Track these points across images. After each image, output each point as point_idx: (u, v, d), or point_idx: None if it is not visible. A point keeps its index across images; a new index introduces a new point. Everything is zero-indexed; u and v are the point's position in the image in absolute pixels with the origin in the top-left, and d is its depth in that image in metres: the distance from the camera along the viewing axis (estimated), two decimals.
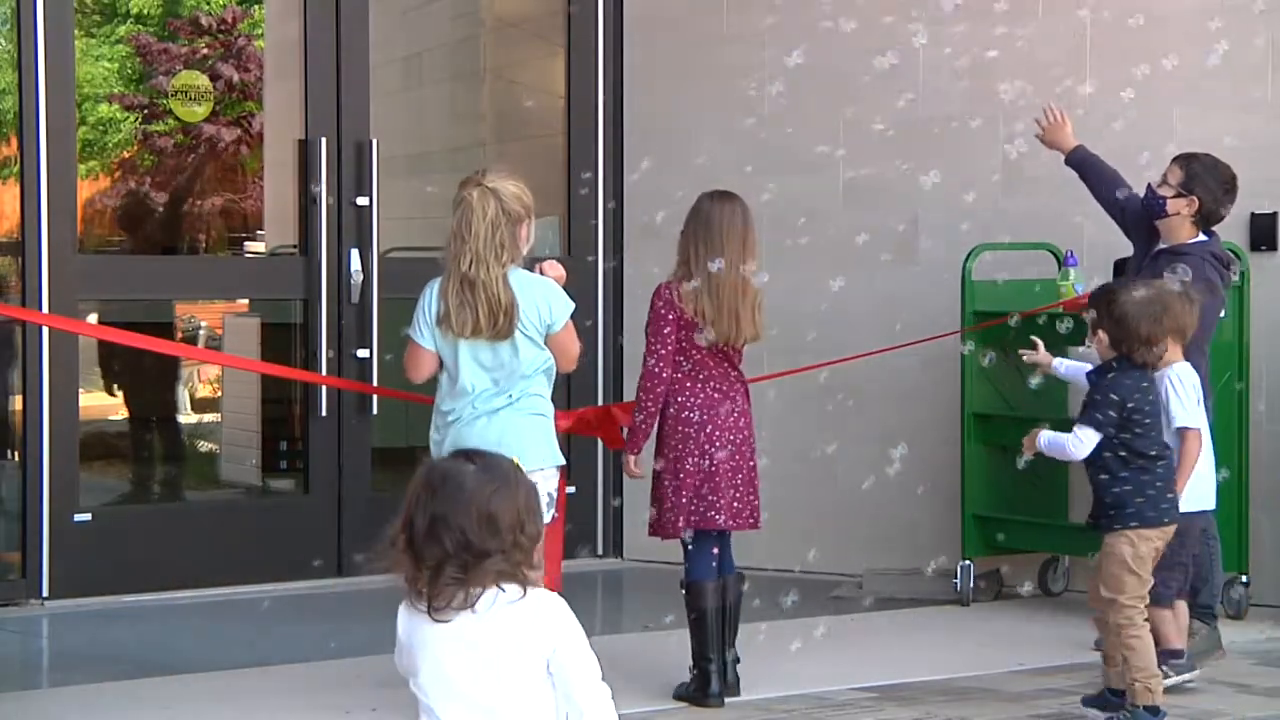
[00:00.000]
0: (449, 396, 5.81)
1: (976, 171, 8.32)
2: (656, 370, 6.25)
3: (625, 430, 6.44)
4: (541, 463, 5.74)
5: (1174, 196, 6.97)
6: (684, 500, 6.18)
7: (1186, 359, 6.50)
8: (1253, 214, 7.87)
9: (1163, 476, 5.99)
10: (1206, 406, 7.00)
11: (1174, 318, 6.10)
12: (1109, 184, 7.24)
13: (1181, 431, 6.38)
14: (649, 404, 6.25)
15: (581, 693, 3.30)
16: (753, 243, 6.28)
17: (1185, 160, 7.01)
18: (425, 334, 5.82)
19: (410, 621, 3.40)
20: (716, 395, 6.25)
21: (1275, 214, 7.95)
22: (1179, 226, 6.99)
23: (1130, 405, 5.94)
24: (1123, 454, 5.94)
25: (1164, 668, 6.49)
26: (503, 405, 5.74)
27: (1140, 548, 5.92)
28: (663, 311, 6.24)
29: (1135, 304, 5.96)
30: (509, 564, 3.27)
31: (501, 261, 5.69)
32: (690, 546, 6.25)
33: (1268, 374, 7.87)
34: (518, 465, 3.42)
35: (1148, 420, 5.98)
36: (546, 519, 5.82)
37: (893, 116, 8.43)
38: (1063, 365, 6.55)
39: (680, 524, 6.18)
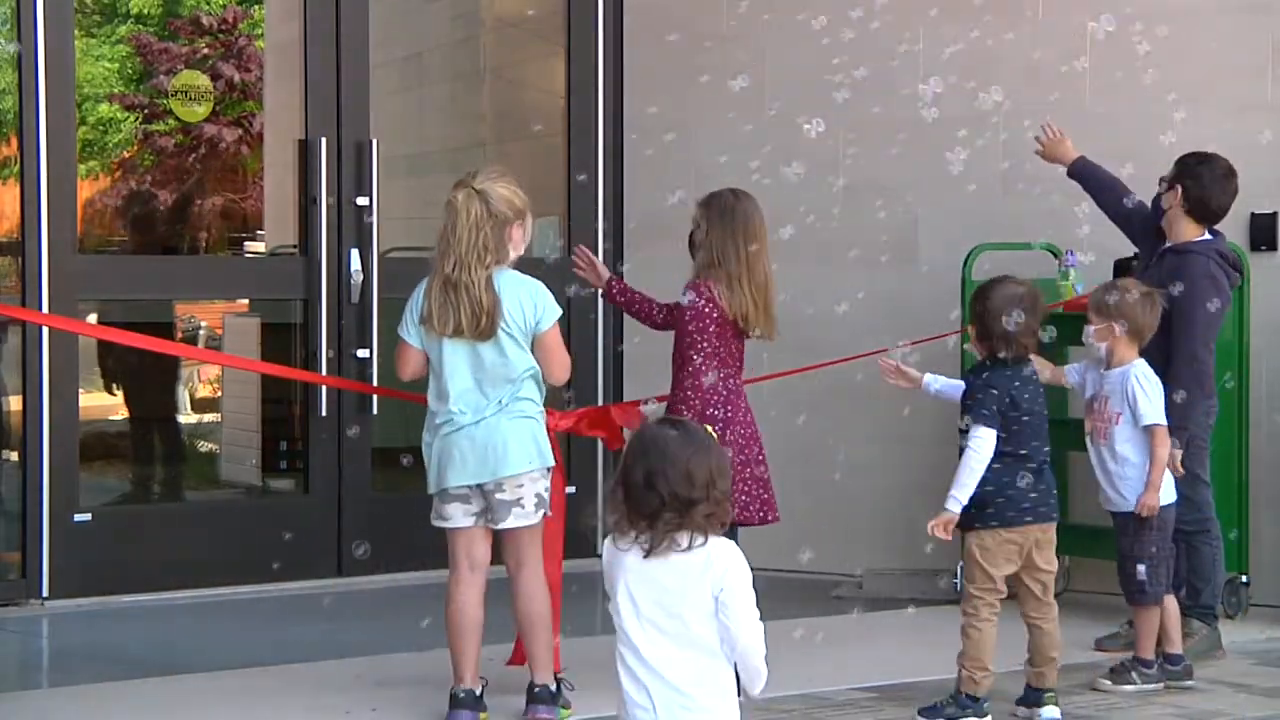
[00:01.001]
0: (436, 398, 5.86)
1: (976, 171, 8.31)
2: (705, 368, 6.25)
3: (625, 430, 6.46)
4: (528, 465, 5.80)
5: (1165, 191, 7.04)
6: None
7: (1192, 356, 6.59)
8: (1253, 214, 7.88)
9: (1031, 477, 6.03)
10: (1211, 406, 7.03)
11: (1124, 311, 6.46)
12: (1113, 193, 7.29)
13: (1151, 429, 6.56)
14: (696, 402, 6.24)
15: (738, 625, 3.91)
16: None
17: (1181, 157, 7.06)
18: (412, 332, 5.87)
19: (614, 556, 3.98)
20: (735, 392, 6.29)
21: (1275, 214, 7.95)
22: (1176, 222, 7.02)
23: (1008, 400, 6.01)
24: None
25: (1133, 674, 6.51)
26: (491, 413, 5.78)
27: (991, 546, 6.01)
28: (706, 310, 6.22)
29: (1001, 299, 5.99)
30: (705, 515, 3.90)
31: (485, 264, 5.72)
32: None
33: (1268, 374, 7.87)
34: (711, 432, 4.06)
35: (1025, 418, 6.03)
36: (537, 518, 5.85)
37: (893, 116, 8.43)
38: (935, 382, 6.53)
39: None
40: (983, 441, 6.01)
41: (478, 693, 5.89)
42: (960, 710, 6.07)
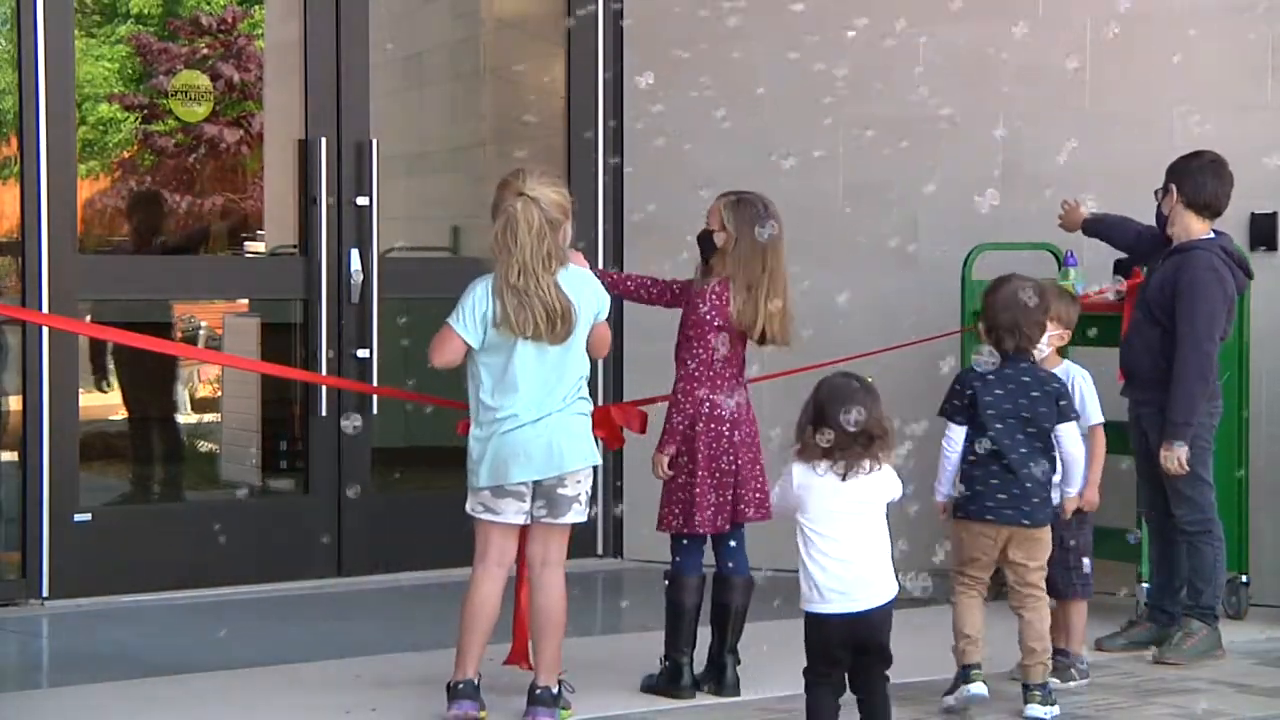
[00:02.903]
0: (494, 395, 5.83)
1: (976, 171, 8.31)
2: (699, 374, 6.29)
3: (624, 429, 6.47)
4: (589, 460, 5.91)
5: (1163, 197, 7.04)
6: (719, 498, 6.25)
7: (1196, 348, 6.63)
8: (1253, 214, 7.88)
9: (1002, 476, 6.13)
10: (1215, 407, 7.03)
11: (1072, 316, 6.67)
12: (1122, 228, 7.38)
13: (1093, 429, 6.62)
14: (689, 405, 6.29)
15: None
16: None
17: (1170, 164, 7.08)
18: (469, 328, 5.82)
19: (806, 478, 5.28)
20: (739, 392, 6.34)
21: (1275, 214, 7.95)
22: (1178, 220, 7.03)
23: (969, 394, 6.17)
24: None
25: (1072, 669, 6.51)
26: (555, 409, 5.82)
27: (964, 535, 6.24)
28: (709, 318, 6.27)
29: (1006, 295, 6.19)
30: (882, 447, 5.27)
31: (550, 269, 5.78)
32: (685, 541, 6.29)
33: (1268, 374, 7.87)
34: (871, 383, 5.31)
35: (993, 415, 6.14)
36: (585, 516, 5.94)
37: (893, 116, 8.43)
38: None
39: (719, 522, 6.25)
40: (949, 437, 6.22)
41: (476, 683, 5.90)
42: (954, 683, 6.26)
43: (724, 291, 6.25)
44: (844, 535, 5.25)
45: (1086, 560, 6.63)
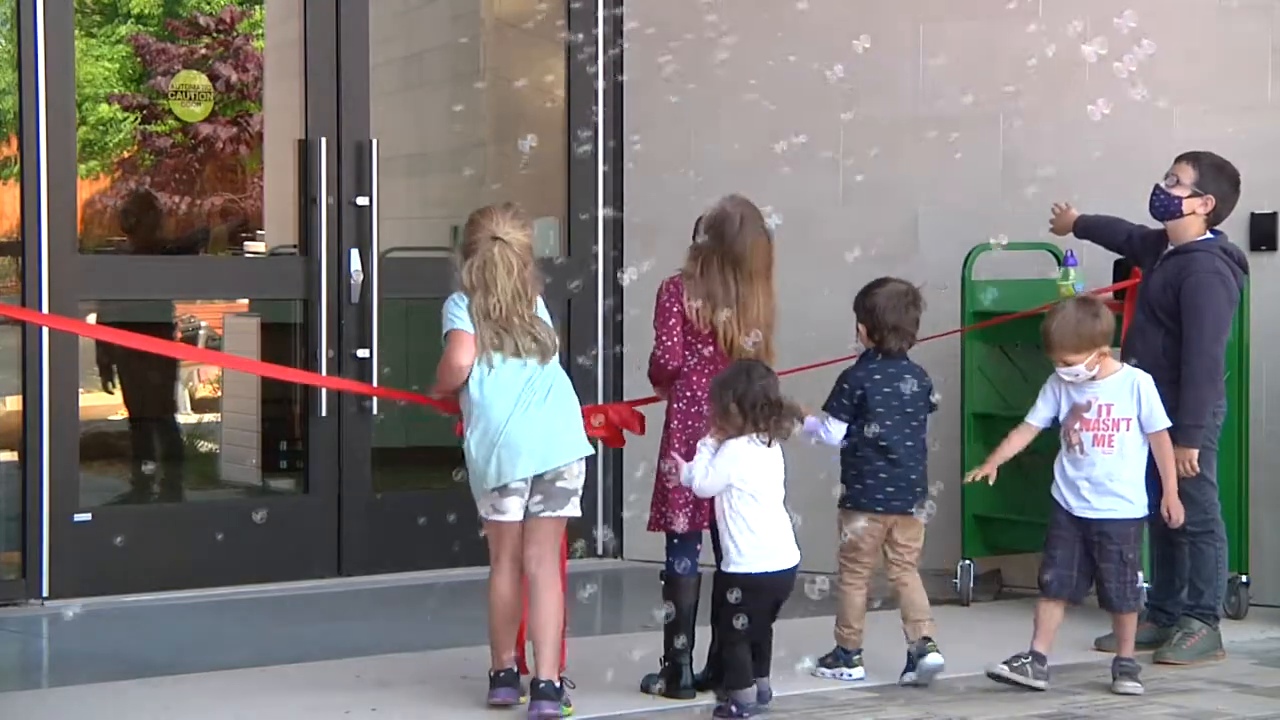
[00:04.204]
0: (488, 393, 5.94)
1: (976, 171, 8.31)
2: (698, 368, 6.33)
3: (623, 430, 6.48)
4: (584, 450, 6.05)
5: (1190, 196, 6.98)
6: (695, 496, 6.24)
7: (1205, 353, 6.61)
8: (1253, 214, 7.87)
9: (888, 469, 6.50)
10: (1220, 407, 7.01)
11: (1105, 335, 6.54)
12: (1112, 229, 7.39)
13: (1159, 435, 6.60)
14: (681, 405, 6.34)
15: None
16: None
17: (1194, 159, 7.02)
18: (465, 320, 5.95)
19: (749, 450, 5.92)
20: None
21: (1275, 214, 7.95)
22: (1189, 226, 7.00)
23: (860, 394, 6.49)
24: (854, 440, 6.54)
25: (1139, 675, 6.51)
26: (544, 402, 5.96)
27: (850, 525, 6.55)
28: (669, 304, 6.28)
29: (884, 296, 6.53)
30: (788, 415, 5.97)
31: (529, 302, 6.00)
32: (676, 540, 6.29)
33: (1268, 374, 7.87)
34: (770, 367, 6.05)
35: (881, 411, 6.48)
36: (579, 511, 6.06)
37: (893, 116, 8.43)
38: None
39: (698, 519, 6.27)
40: (827, 430, 6.56)
41: (515, 670, 6.07)
42: (835, 660, 6.59)
43: (677, 291, 6.27)
44: (771, 499, 5.95)
45: (1141, 574, 6.62)
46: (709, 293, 6.24)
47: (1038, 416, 6.71)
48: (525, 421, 5.91)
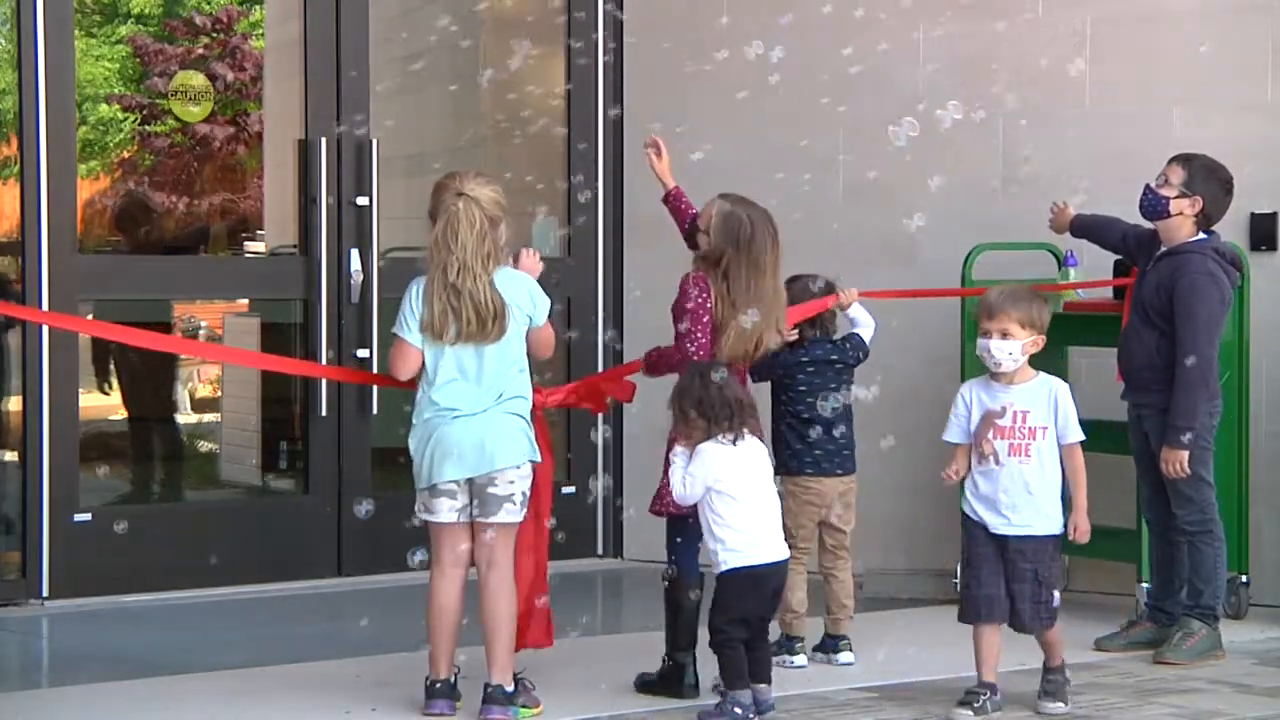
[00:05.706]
0: (429, 394, 5.94)
1: (976, 171, 8.31)
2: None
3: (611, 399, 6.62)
4: (522, 458, 5.91)
5: (1177, 196, 6.98)
6: None
7: (1197, 354, 6.60)
8: (1252, 214, 7.87)
9: (818, 433, 6.85)
10: (1215, 407, 7.02)
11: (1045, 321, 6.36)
12: (1108, 228, 7.37)
13: (1071, 447, 6.21)
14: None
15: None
16: None
17: (1185, 160, 7.02)
18: (414, 332, 5.94)
19: (719, 451, 5.92)
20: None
21: (1275, 214, 7.95)
22: (1180, 227, 6.99)
23: (780, 371, 6.79)
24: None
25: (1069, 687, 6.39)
26: (486, 407, 5.89)
27: (789, 496, 6.70)
28: (701, 299, 6.28)
29: (799, 290, 6.78)
30: (750, 414, 6.02)
31: (488, 269, 5.86)
32: (679, 540, 6.29)
33: (1268, 374, 7.87)
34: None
35: (802, 387, 6.83)
36: (520, 515, 5.94)
37: (892, 116, 8.42)
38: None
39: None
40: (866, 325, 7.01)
41: (453, 681, 6.01)
42: (778, 649, 6.62)
43: (707, 286, 6.26)
44: (751, 496, 5.96)
45: (1056, 593, 6.25)
46: (732, 296, 6.24)
47: (953, 434, 6.31)
48: (462, 425, 5.86)
